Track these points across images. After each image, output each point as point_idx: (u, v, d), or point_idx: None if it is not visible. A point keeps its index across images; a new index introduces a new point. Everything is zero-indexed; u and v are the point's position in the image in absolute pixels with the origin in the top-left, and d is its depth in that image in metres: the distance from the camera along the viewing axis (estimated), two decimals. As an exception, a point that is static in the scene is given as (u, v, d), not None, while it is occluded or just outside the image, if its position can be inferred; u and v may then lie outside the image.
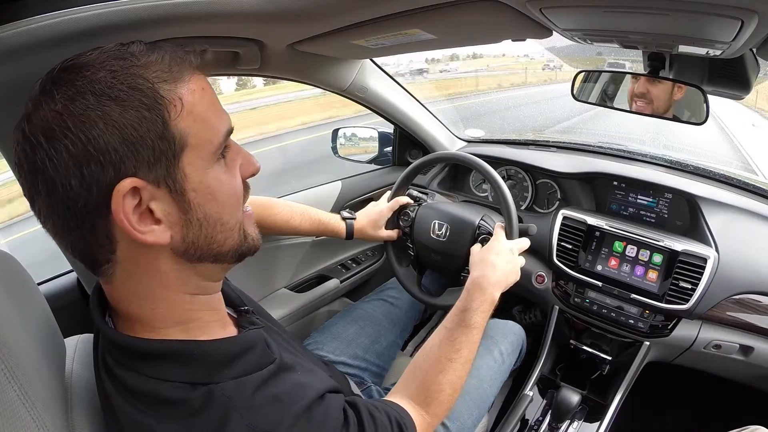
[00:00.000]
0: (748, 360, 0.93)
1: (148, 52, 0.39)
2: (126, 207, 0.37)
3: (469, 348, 0.66)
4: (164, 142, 0.38)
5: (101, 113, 0.35)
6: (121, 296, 0.43)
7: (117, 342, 0.41)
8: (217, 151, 0.42)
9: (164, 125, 0.38)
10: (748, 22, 0.44)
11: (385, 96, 1.14)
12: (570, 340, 1.12)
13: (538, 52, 12.56)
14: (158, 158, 0.38)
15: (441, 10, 0.55)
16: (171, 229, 0.40)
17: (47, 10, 0.44)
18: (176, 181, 0.39)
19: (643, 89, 0.90)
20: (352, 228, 1.01)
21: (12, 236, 2.99)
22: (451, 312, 0.70)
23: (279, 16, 0.58)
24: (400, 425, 0.53)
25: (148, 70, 0.38)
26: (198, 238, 0.42)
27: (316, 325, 1.19)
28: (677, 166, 1.11)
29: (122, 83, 0.36)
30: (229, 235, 0.44)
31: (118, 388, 0.40)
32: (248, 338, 0.46)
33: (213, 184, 0.42)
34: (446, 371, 0.63)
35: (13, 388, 0.36)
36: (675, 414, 1.28)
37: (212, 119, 0.41)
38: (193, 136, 0.39)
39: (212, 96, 0.42)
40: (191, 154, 0.40)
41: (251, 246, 0.47)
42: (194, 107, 0.40)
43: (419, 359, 0.66)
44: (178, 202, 0.40)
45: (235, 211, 0.45)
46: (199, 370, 0.40)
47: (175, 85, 0.39)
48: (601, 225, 1.02)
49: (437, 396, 0.61)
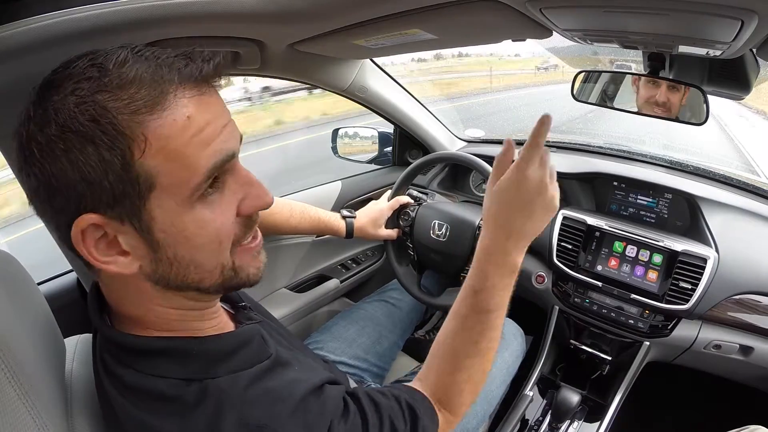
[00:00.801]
0: (748, 360, 0.93)
1: (128, 67, 0.34)
2: (87, 241, 0.36)
3: (489, 336, 0.54)
4: (125, 184, 0.34)
5: (63, 147, 0.33)
6: (115, 298, 0.43)
7: (114, 340, 0.41)
8: (194, 192, 0.36)
9: (125, 167, 0.34)
10: (748, 22, 0.44)
11: (385, 96, 1.14)
12: (570, 340, 1.12)
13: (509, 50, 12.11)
14: (119, 200, 0.35)
15: (441, 10, 0.55)
16: (140, 260, 0.38)
17: (47, 10, 0.44)
18: (142, 221, 0.36)
19: (665, 98, 0.87)
20: (352, 227, 1.01)
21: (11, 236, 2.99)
22: (460, 294, 0.55)
23: (279, 16, 0.58)
24: (412, 407, 0.48)
25: (115, 98, 0.33)
26: (169, 274, 0.39)
27: (316, 325, 1.19)
28: (677, 166, 1.11)
29: (84, 114, 0.33)
30: (206, 276, 0.40)
31: (117, 385, 0.40)
32: (244, 333, 0.46)
33: (188, 227, 0.37)
34: (464, 369, 0.53)
35: (13, 388, 0.36)
36: (675, 414, 1.28)
37: (192, 156, 0.35)
38: (163, 176, 0.35)
39: (203, 121, 0.36)
40: (162, 196, 0.36)
41: (244, 282, 0.43)
42: (169, 142, 0.34)
43: (435, 350, 0.56)
44: (146, 239, 0.37)
45: (216, 255, 0.40)
46: (195, 366, 0.40)
47: (147, 116, 0.34)
48: (601, 225, 1.02)
49: (456, 394, 0.54)
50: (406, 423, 0.47)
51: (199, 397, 0.38)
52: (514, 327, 1.03)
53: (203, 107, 0.37)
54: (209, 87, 0.38)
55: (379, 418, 0.45)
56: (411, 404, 0.49)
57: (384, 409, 0.47)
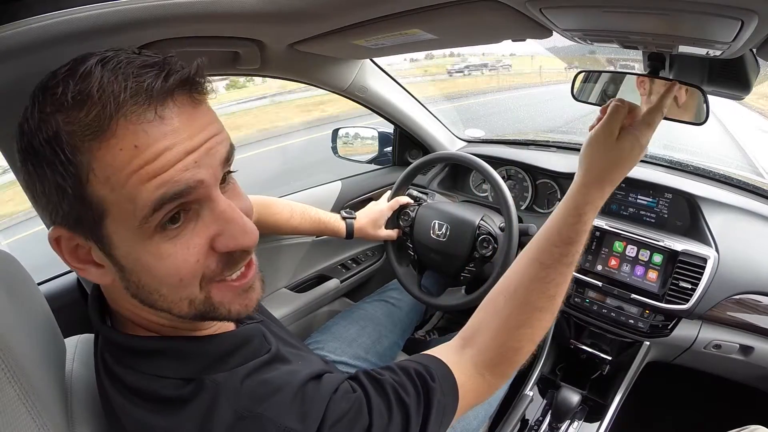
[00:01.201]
0: (748, 360, 0.93)
1: (87, 81, 0.32)
2: (62, 247, 0.37)
3: (563, 290, 0.50)
4: (82, 208, 0.34)
5: (33, 162, 0.34)
6: (111, 299, 0.43)
7: (115, 341, 0.41)
8: (142, 225, 0.33)
9: (76, 193, 0.33)
10: (748, 22, 0.44)
11: (385, 96, 1.14)
12: (570, 340, 1.12)
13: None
14: (79, 221, 0.35)
15: (441, 10, 0.55)
16: (112, 274, 0.38)
17: (47, 10, 0.44)
18: (103, 243, 0.35)
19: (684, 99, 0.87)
20: (352, 227, 1.01)
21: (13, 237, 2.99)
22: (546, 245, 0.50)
23: (279, 16, 0.58)
24: (423, 376, 0.45)
25: (69, 120, 0.32)
26: (140, 295, 0.38)
27: (316, 325, 1.19)
28: (677, 166, 1.11)
29: (43, 134, 0.32)
30: (174, 306, 0.38)
31: (117, 386, 0.40)
32: (245, 332, 0.46)
33: (146, 258, 0.35)
34: (530, 323, 0.49)
35: (13, 388, 0.36)
36: (675, 414, 1.28)
37: (135, 187, 0.32)
38: (112, 206, 0.33)
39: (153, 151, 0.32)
40: (114, 224, 0.34)
41: (225, 317, 0.40)
42: (113, 173, 0.32)
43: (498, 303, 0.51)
44: (111, 259, 0.36)
45: (181, 289, 0.37)
46: (194, 365, 0.40)
47: (93, 144, 0.32)
48: (601, 225, 1.02)
49: (513, 356, 0.49)
50: (417, 393, 0.43)
51: (195, 391, 0.38)
52: None
53: (160, 133, 0.33)
54: (178, 102, 0.34)
55: (384, 394, 0.43)
56: (421, 372, 0.45)
57: (387, 384, 0.44)
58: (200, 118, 0.36)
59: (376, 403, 0.41)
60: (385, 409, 0.42)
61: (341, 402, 0.40)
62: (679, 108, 0.88)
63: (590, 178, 0.52)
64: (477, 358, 0.49)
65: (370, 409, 0.41)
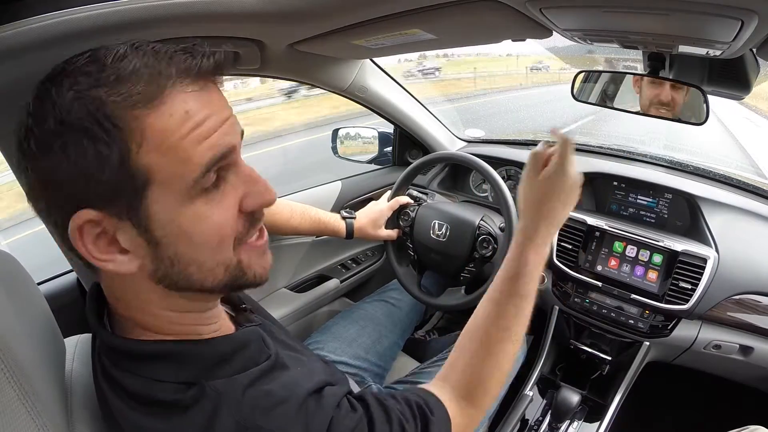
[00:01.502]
0: (748, 360, 0.93)
1: (126, 61, 0.34)
2: (84, 237, 0.35)
3: (521, 323, 0.55)
4: (123, 179, 0.34)
5: (60, 143, 0.33)
6: (114, 298, 0.43)
7: (112, 344, 0.41)
8: (192, 187, 0.36)
9: (123, 161, 0.33)
10: (748, 22, 0.44)
11: (385, 96, 1.14)
12: (570, 340, 1.12)
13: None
14: (117, 195, 0.34)
15: (441, 10, 0.55)
16: (141, 259, 0.37)
17: (47, 10, 0.44)
18: (140, 218, 0.35)
19: (669, 97, 0.86)
20: (352, 227, 1.01)
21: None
22: (497, 282, 0.57)
23: (279, 16, 0.58)
24: (424, 411, 0.47)
25: (113, 92, 0.33)
26: (171, 274, 0.38)
27: (316, 325, 1.19)
28: (677, 166, 1.11)
29: (82, 109, 0.32)
30: (208, 275, 0.39)
31: (115, 389, 0.40)
32: (244, 336, 0.46)
33: (187, 223, 0.36)
34: (494, 355, 0.53)
35: (13, 388, 0.36)
36: (675, 414, 1.28)
37: (189, 150, 0.35)
38: (160, 172, 0.34)
39: (201, 116, 0.36)
40: (158, 192, 0.35)
41: (251, 281, 0.42)
42: (165, 137, 0.34)
43: (463, 342, 0.56)
44: (145, 237, 0.36)
45: (218, 252, 0.39)
46: (193, 369, 0.40)
47: (143, 111, 0.33)
48: (601, 225, 1.02)
49: (484, 385, 0.53)
50: (416, 424, 0.46)
51: (196, 398, 0.38)
52: None
53: (202, 102, 0.36)
54: (209, 82, 0.38)
55: (388, 420, 0.44)
56: (422, 406, 0.48)
57: (392, 411, 0.45)
58: (223, 97, 0.40)
59: (380, 429, 0.43)
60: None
61: (345, 419, 0.41)
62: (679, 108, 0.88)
63: (524, 217, 0.57)
64: (454, 393, 0.53)
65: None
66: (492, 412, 0.93)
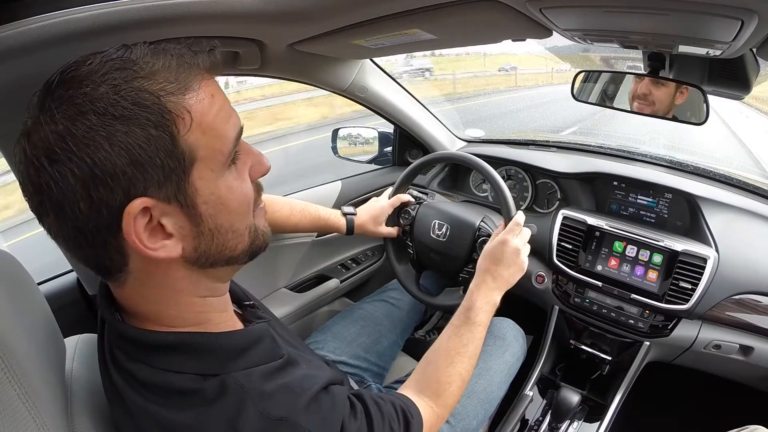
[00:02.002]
0: (748, 360, 0.93)
1: (153, 58, 0.37)
2: (137, 227, 0.36)
3: (475, 344, 0.69)
4: (173, 159, 0.37)
5: (106, 134, 0.34)
6: (132, 299, 0.43)
7: (128, 336, 0.42)
8: (227, 159, 0.41)
9: (173, 142, 0.36)
10: (748, 22, 0.44)
11: (385, 96, 1.14)
12: (570, 340, 1.12)
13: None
14: (168, 176, 0.37)
15: (441, 10, 0.55)
16: (183, 241, 0.40)
17: (47, 10, 0.44)
18: (187, 196, 0.38)
19: (646, 90, 0.89)
20: (353, 223, 1.01)
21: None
22: (458, 311, 0.74)
23: (279, 16, 0.58)
24: (405, 413, 0.54)
25: (152, 82, 0.36)
26: (210, 247, 0.41)
27: (316, 325, 1.19)
28: (677, 166, 1.11)
29: (125, 99, 0.34)
30: (240, 240, 0.44)
31: (129, 381, 0.41)
32: (256, 331, 0.47)
33: (224, 193, 0.41)
34: (455, 364, 0.66)
35: (13, 388, 0.36)
36: (675, 414, 1.28)
37: (221, 127, 0.40)
38: (202, 149, 0.38)
39: (222, 100, 0.41)
40: (201, 167, 0.39)
41: (261, 243, 0.47)
42: (203, 118, 0.38)
43: (429, 355, 0.69)
44: (190, 215, 0.39)
45: (246, 217, 0.44)
46: (210, 361, 0.41)
47: (182, 96, 0.37)
48: (601, 225, 1.02)
49: (447, 387, 0.64)
50: (399, 425, 0.52)
51: (219, 392, 0.39)
52: (516, 329, 1.04)
53: (217, 89, 0.41)
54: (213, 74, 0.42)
55: (382, 419, 0.49)
56: (404, 409, 0.55)
57: (384, 411, 0.51)
58: None
59: (377, 425, 0.48)
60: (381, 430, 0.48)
61: (352, 420, 0.46)
62: (679, 108, 0.89)
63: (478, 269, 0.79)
64: (423, 393, 0.63)
65: (373, 429, 0.47)
66: (492, 412, 0.93)
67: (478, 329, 0.71)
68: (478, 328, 0.71)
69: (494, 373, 0.90)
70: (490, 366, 0.90)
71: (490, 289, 0.75)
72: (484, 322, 0.72)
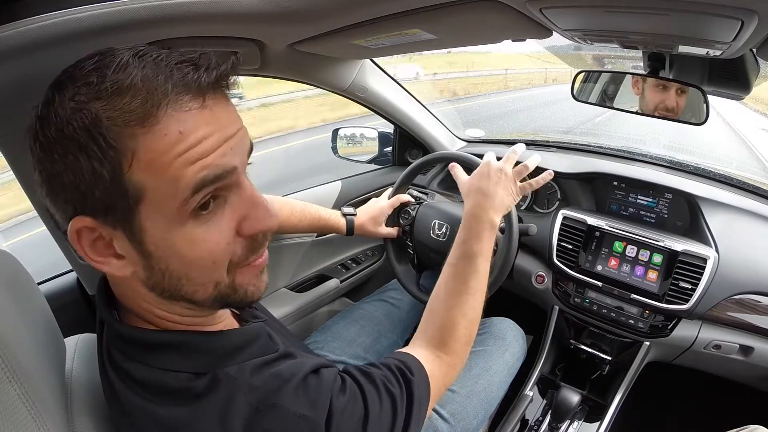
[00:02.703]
0: (748, 360, 0.93)
1: (125, 73, 0.33)
2: (82, 241, 0.36)
3: (476, 278, 0.64)
4: (116, 196, 0.34)
5: (61, 151, 0.33)
6: (120, 294, 0.43)
7: (123, 334, 0.42)
8: (182, 207, 0.35)
9: (114, 179, 0.33)
10: (748, 22, 0.44)
11: (385, 96, 1.14)
12: (570, 340, 1.12)
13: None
14: (110, 209, 0.35)
15: (441, 10, 0.55)
16: (133, 266, 0.38)
17: (47, 10, 0.44)
18: (134, 231, 0.36)
19: (674, 103, 0.87)
20: (353, 224, 1.01)
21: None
22: (452, 248, 0.68)
23: (279, 16, 0.58)
24: (404, 372, 0.51)
25: (110, 107, 0.33)
26: (161, 284, 0.38)
27: (316, 325, 1.19)
28: (677, 166, 1.11)
29: (79, 122, 0.32)
30: (199, 289, 0.39)
31: (126, 380, 0.41)
32: (252, 330, 0.47)
33: (180, 243, 0.36)
34: (457, 305, 0.62)
35: (13, 387, 0.36)
36: (675, 414, 1.28)
37: (179, 171, 0.34)
38: (150, 191, 0.34)
39: (201, 136, 0.35)
40: (149, 209, 0.35)
41: (240, 300, 0.42)
42: (157, 157, 0.33)
43: (430, 303, 0.65)
44: (138, 248, 0.37)
45: (207, 272, 0.39)
46: (204, 360, 0.41)
47: (137, 129, 0.33)
48: (601, 225, 1.02)
49: (452, 332, 0.60)
50: (400, 386, 0.49)
51: (211, 386, 0.39)
52: (516, 329, 1.04)
53: (202, 120, 0.35)
54: (215, 95, 0.37)
55: (375, 386, 0.47)
56: (402, 368, 0.51)
57: (376, 377, 0.48)
58: (232, 111, 0.39)
59: (369, 393, 0.45)
60: (376, 398, 0.46)
61: (340, 395, 0.43)
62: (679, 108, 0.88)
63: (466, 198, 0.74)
64: (430, 344, 0.60)
65: (365, 399, 0.44)
66: (492, 412, 0.93)
67: (477, 261, 0.65)
68: (476, 260, 0.65)
69: (494, 373, 0.90)
70: (490, 366, 0.90)
71: (483, 210, 0.69)
72: (482, 251, 0.66)
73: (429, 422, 0.78)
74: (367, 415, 0.43)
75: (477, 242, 0.66)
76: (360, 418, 0.43)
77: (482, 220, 0.68)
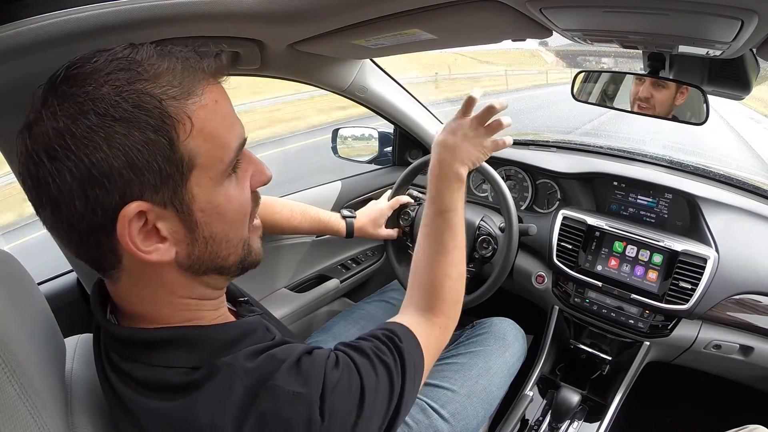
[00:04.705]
0: (748, 360, 0.93)
1: (158, 59, 0.37)
2: (131, 230, 0.36)
3: (451, 234, 0.63)
4: (171, 165, 0.36)
5: (104, 135, 0.34)
6: (126, 297, 0.43)
7: (120, 337, 0.42)
8: (228, 168, 0.40)
9: (171, 147, 0.36)
10: (748, 22, 0.44)
11: (385, 96, 1.14)
12: (570, 340, 1.12)
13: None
14: (165, 181, 0.36)
15: (441, 10, 0.55)
16: (176, 246, 0.40)
17: (47, 10, 0.44)
18: (183, 202, 0.38)
19: (647, 94, 0.89)
20: (353, 226, 1.01)
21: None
22: (424, 213, 0.66)
23: (279, 16, 0.58)
24: (393, 339, 0.51)
25: (155, 85, 0.35)
26: (203, 255, 0.41)
27: (316, 325, 1.19)
28: (677, 166, 1.11)
29: (126, 101, 0.34)
30: (232, 251, 0.44)
31: (126, 381, 0.41)
32: (249, 323, 0.47)
33: (222, 202, 0.41)
34: (437, 265, 0.61)
35: (13, 387, 0.36)
36: (675, 414, 1.28)
37: (224, 135, 0.39)
38: (202, 156, 0.38)
39: (226, 107, 0.40)
40: (200, 175, 0.38)
41: (253, 261, 0.47)
42: (205, 124, 0.38)
43: (411, 267, 0.64)
44: (185, 221, 0.39)
45: (241, 228, 0.44)
46: (201, 353, 0.41)
47: (185, 101, 0.37)
48: (601, 225, 1.02)
49: (437, 293, 0.60)
50: (392, 353, 0.49)
51: (208, 376, 0.39)
52: (516, 329, 1.04)
53: (223, 95, 0.41)
54: (219, 79, 0.41)
55: (367, 358, 0.47)
56: (390, 336, 0.51)
57: (367, 348, 0.48)
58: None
59: (363, 365, 0.46)
60: (371, 368, 0.46)
61: (333, 371, 0.44)
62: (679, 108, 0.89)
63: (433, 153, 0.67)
64: (417, 308, 0.60)
65: (359, 371, 0.45)
66: (492, 412, 0.93)
67: (449, 215, 0.63)
68: (448, 215, 0.63)
69: (494, 373, 0.90)
70: (490, 366, 0.90)
71: (445, 164, 0.65)
72: (453, 206, 0.63)
73: (429, 422, 0.78)
74: (362, 386, 0.44)
75: (445, 197, 0.64)
76: (356, 389, 0.43)
77: (446, 175, 0.65)
